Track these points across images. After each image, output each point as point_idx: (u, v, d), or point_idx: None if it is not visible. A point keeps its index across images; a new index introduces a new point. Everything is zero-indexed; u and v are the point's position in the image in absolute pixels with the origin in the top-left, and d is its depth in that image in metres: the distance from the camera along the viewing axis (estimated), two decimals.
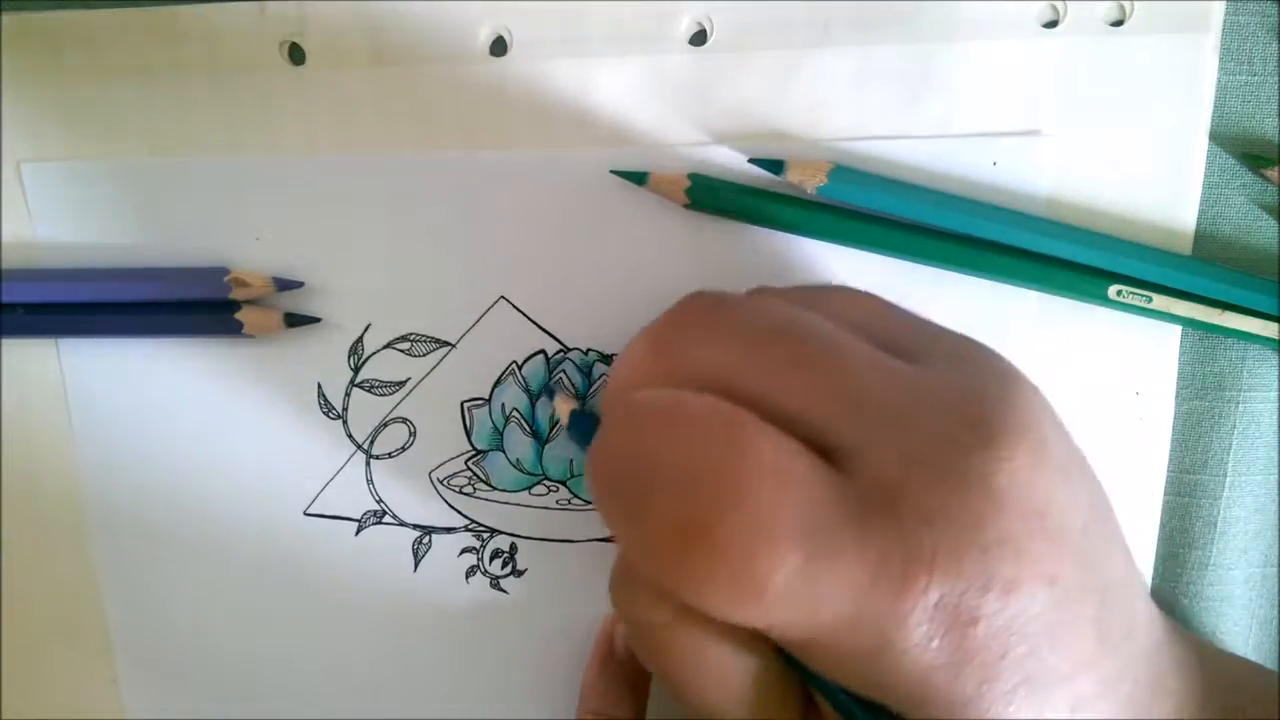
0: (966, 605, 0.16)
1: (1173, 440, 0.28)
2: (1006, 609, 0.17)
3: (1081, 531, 0.18)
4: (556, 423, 0.28)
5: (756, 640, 0.19)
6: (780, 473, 0.17)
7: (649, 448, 0.18)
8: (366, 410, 0.29)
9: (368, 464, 0.29)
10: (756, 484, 0.17)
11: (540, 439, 0.29)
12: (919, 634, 0.16)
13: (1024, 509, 0.17)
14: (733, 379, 0.19)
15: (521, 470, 0.29)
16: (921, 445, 0.17)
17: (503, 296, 0.28)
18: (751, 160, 0.26)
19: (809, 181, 0.26)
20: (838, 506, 0.17)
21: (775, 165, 0.26)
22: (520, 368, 0.28)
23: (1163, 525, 0.28)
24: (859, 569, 0.16)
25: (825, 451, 0.18)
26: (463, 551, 0.30)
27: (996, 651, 0.17)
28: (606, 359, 0.28)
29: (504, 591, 0.30)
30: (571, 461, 0.29)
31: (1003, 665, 0.17)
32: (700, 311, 0.21)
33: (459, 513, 0.29)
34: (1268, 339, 0.26)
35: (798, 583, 0.16)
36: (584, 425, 0.25)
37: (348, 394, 0.29)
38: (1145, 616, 0.20)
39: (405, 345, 0.28)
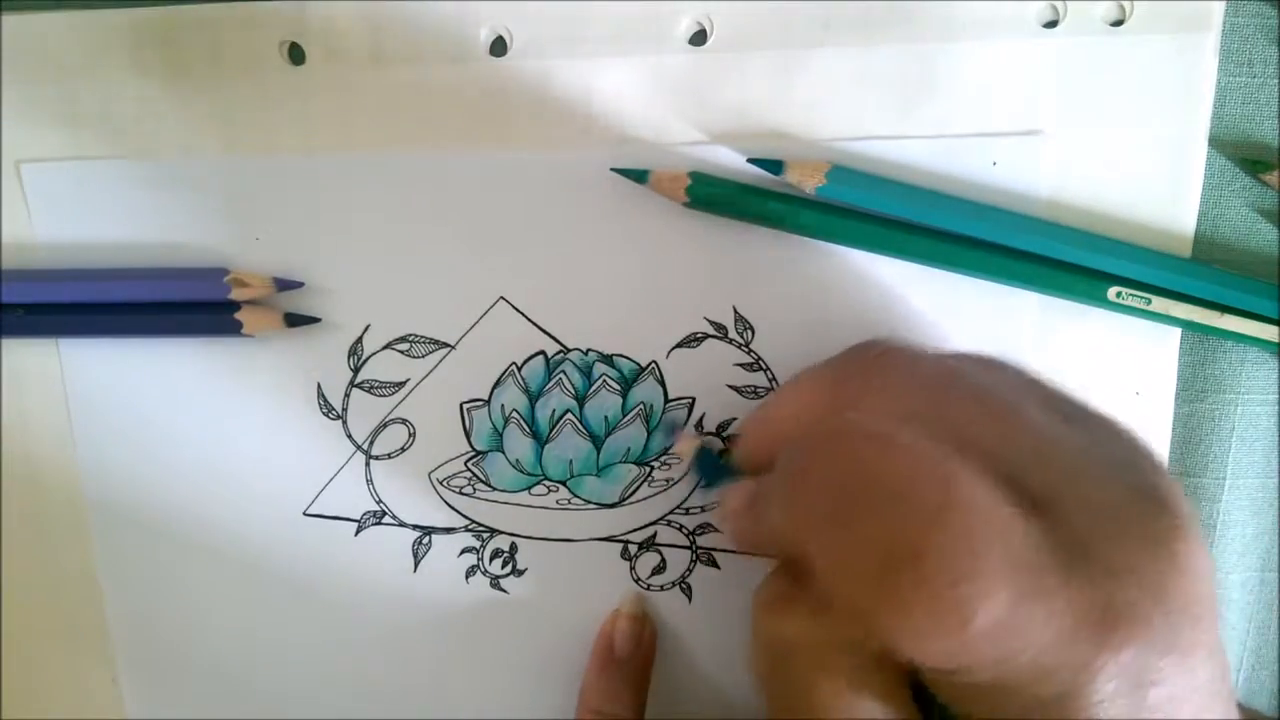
0: (1151, 666, 0.17)
1: (1171, 443, 0.28)
2: (1181, 675, 0.17)
3: (1217, 606, 0.18)
4: (556, 423, 0.28)
5: (896, 688, 0.19)
6: (989, 511, 0.17)
7: (862, 466, 0.18)
8: (366, 411, 0.29)
9: (367, 464, 0.29)
10: (967, 517, 0.17)
11: (540, 439, 0.29)
12: (1107, 689, 0.16)
13: (1196, 576, 0.17)
14: (913, 422, 0.19)
15: (521, 470, 0.29)
16: (1103, 504, 0.18)
17: (502, 297, 0.28)
18: (751, 160, 0.26)
19: (808, 181, 0.26)
20: (1041, 551, 0.17)
21: (774, 165, 0.26)
22: (520, 369, 0.28)
23: None
24: (1065, 614, 0.16)
25: (1015, 500, 0.18)
26: (463, 551, 0.30)
27: (1166, 715, 0.17)
28: (606, 359, 0.28)
29: (504, 591, 0.30)
30: (571, 462, 0.29)
31: None
32: (878, 356, 0.21)
33: (459, 513, 0.29)
34: (1267, 342, 0.26)
35: (1004, 620, 0.16)
36: (708, 464, 0.26)
37: (347, 394, 0.29)
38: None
39: (405, 346, 0.28)
